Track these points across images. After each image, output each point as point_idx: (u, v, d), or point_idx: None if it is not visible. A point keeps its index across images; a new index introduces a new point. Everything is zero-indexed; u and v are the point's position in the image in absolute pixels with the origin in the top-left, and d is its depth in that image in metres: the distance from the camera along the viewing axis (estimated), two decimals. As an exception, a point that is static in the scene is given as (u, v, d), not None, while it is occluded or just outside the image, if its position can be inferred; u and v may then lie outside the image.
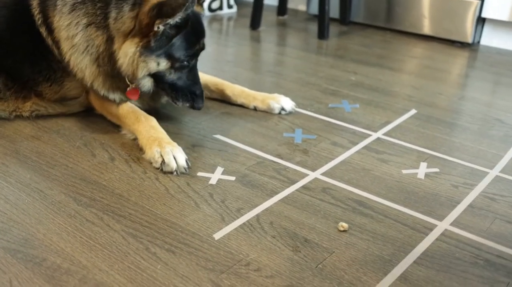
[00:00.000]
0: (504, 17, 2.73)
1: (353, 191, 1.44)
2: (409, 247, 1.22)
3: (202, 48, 1.65)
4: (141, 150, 1.58)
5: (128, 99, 1.69)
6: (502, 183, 1.51)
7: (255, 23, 3.02)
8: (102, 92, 1.66)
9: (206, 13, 3.28)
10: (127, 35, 1.52)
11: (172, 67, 1.58)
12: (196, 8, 1.62)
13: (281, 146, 1.67)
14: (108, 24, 1.54)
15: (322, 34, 2.86)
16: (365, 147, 1.69)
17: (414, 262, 1.17)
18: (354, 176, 1.51)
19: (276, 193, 1.41)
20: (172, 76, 1.61)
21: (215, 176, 1.47)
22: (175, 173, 1.47)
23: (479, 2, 2.76)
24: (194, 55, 1.62)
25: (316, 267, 1.14)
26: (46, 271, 1.10)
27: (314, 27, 3.08)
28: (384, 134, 1.78)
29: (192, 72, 1.64)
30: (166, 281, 1.08)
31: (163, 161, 1.47)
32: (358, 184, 1.47)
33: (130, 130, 1.65)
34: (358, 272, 1.13)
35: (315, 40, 2.89)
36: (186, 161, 1.49)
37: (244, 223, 1.28)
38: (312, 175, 1.51)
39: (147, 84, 1.62)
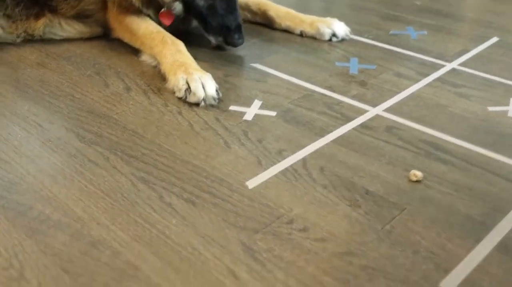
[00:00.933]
0: None
1: (426, 131, 1.13)
2: (507, 204, 0.91)
3: None
4: (163, 78, 1.31)
5: (160, 23, 1.44)
6: None
7: None
8: (137, 3, 1.44)
9: None
10: None
11: None
12: None
13: (333, 77, 1.35)
14: None
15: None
16: (438, 79, 1.35)
17: (516, 225, 0.87)
18: (427, 113, 1.20)
19: (328, 132, 1.11)
20: (201, 2, 1.38)
21: (252, 111, 1.18)
22: (202, 103, 1.20)
23: None
24: None
25: (383, 228, 0.85)
26: (30, 223, 0.85)
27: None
28: (461, 65, 1.44)
29: (226, 1, 1.37)
30: (181, 241, 0.82)
31: (188, 89, 1.22)
32: (432, 123, 1.16)
33: (152, 53, 1.39)
34: (440, 237, 0.84)
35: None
36: (217, 90, 1.23)
37: (286, 169, 0.99)
38: (372, 111, 1.20)
39: (178, 7, 1.44)
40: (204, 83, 1.22)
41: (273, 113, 1.18)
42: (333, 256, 0.79)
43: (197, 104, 1.20)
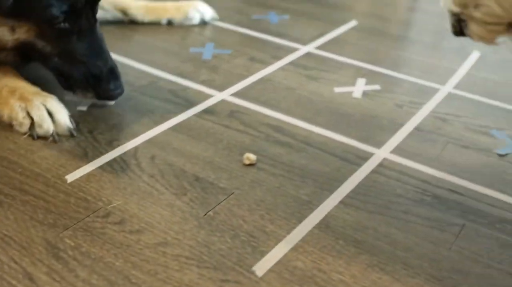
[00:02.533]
0: None
1: (270, 115, 1.11)
2: (336, 183, 0.91)
3: None
4: None
5: None
6: (456, 100, 1.21)
7: None
8: None
9: None
10: None
11: (42, 34, 0.98)
12: None
13: (185, 63, 1.31)
14: None
15: None
16: (291, 63, 1.35)
17: (341, 202, 0.87)
18: (274, 96, 1.18)
19: (167, 119, 1.07)
20: (48, 50, 1.00)
21: (87, 101, 1.11)
22: (52, 138, 0.97)
23: None
24: (77, 11, 0.97)
25: (206, 215, 0.82)
26: None
27: None
28: (317, 48, 1.44)
29: (87, 40, 1.01)
30: (-23, 245, 0.74)
31: (32, 123, 0.98)
32: (278, 106, 1.14)
33: None
34: (263, 220, 0.81)
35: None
36: (70, 119, 1.00)
37: (114, 159, 0.93)
38: (218, 96, 1.17)
39: (8, 58, 1.05)
40: (51, 110, 0.99)
41: (112, 102, 1.11)
42: (146, 247, 0.75)
43: (45, 138, 0.98)
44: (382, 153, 1.01)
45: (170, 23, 1.52)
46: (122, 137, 1.00)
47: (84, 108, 1.08)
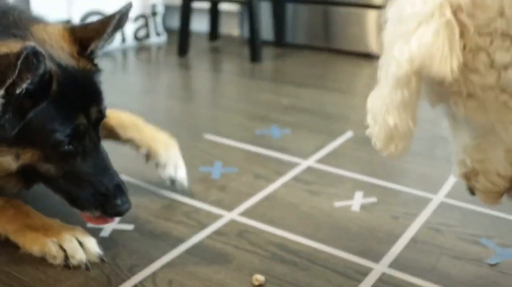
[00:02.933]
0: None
1: (274, 233, 1.21)
2: (339, 300, 0.99)
3: (98, 118, 1.07)
4: (26, 250, 1.10)
5: None
6: (448, 209, 1.31)
7: (182, 50, 2.80)
8: None
9: (131, 43, 3.05)
10: None
11: (46, 157, 1.01)
12: (81, 63, 1.05)
13: (195, 184, 1.42)
14: None
15: (254, 56, 2.66)
16: (293, 178, 1.47)
17: (345, 320, 0.94)
18: (278, 214, 1.29)
19: (182, 241, 1.17)
20: (53, 172, 1.04)
21: (109, 226, 1.21)
22: (84, 266, 1.06)
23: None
24: (81, 133, 1.02)
25: None
26: None
27: (247, 51, 2.88)
28: (317, 162, 1.57)
29: (91, 160, 1.05)
30: None
31: (66, 254, 1.06)
32: (282, 223, 1.24)
33: None
34: None
35: (248, 64, 2.69)
36: (98, 245, 1.09)
37: (135, 286, 1.02)
38: (227, 216, 1.27)
39: (11, 182, 1.09)
40: (81, 240, 1.07)
41: (131, 227, 1.22)
42: None
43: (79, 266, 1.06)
44: (380, 267, 1.09)
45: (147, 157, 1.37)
46: (142, 262, 1.09)
47: (106, 235, 1.19)
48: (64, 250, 1.05)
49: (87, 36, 1.07)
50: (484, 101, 0.68)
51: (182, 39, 2.79)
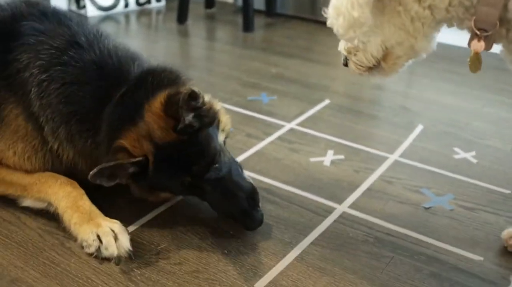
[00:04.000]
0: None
1: (263, 180, 1.55)
2: (309, 229, 1.34)
3: (203, 171, 1.22)
4: (67, 228, 1.26)
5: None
6: (400, 166, 1.66)
7: (181, 17, 3.07)
8: None
9: (134, 7, 3.30)
10: None
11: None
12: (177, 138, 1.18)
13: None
14: None
15: (247, 27, 2.95)
16: (279, 138, 1.80)
17: (312, 243, 1.29)
18: (265, 165, 1.62)
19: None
20: (208, 187, 1.24)
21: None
22: (114, 260, 1.18)
23: None
24: (187, 187, 1.23)
25: (222, 252, 1.24)
26: (-39, 271, 1.15)
27: (241, 19, 3.16)
28: (297, 125, 1.90)
29: (222, 186, 1.23)
30: (79, 274, 1.15)
31: (100, 244, 1.18)
32: (269, 173, 1.58)
33: (42, 197, 1.29)
34: (260, 255, 1.24)
35: (240, 33, 2.98)
36: (130, 243, 1.21)
37: (158, 215, 1.36)
38: (225, 167, 1.61)
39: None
40: (117, 236, 1.19)
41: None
42: (186, 274, 1.17)
43: (108, 259, 1.19)
44: (342, 207, 1.44)
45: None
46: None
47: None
48: (101, 241, 1.17)
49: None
50: (385, 7, 1.00)
51: (181, 7, 3.05)
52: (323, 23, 1.07)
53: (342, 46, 1.12)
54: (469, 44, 1.00)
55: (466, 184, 1.56)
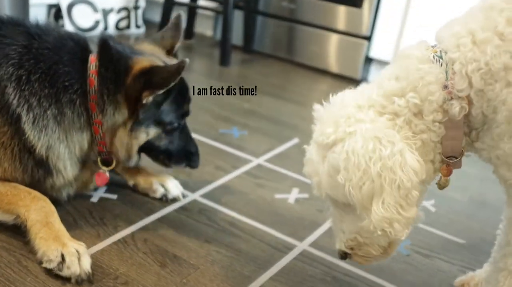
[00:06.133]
0: (388, 58, 3.02)
1: (227, 213, 1.56)
2: (269, 264, 1.36)
3: (189, 101, 1.50)
4: (29, 239, 1.24)
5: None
6: (361, 209, 1.70)
7: (160, 46, 3.10)
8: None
9: (113, 30, 3.33)
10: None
11: (162, 132, 1.44)
12: (174, 61, 1.43)
13: (166, 168, 1.76)
14: None
15: (224, 60, 3.00)
16: (246, 172, 1.82)
17: (271, 278, 1.31)
18: (231, 198, 1.64)
19: (154, 212, 1.51)
20: (163, 142, 1.46)
21: (97, 194, 1.54)
22: (74, 279, 1.19)
23: (368, 43, 3.03)
24: (185, 114, 1.48)
25: (181, 281, 1.25)
26: None
27: (218, 53, 3.21)
28: (265, 161, 1.93)
29: (184, 131, 1.51)
30: (33, 293, 1.14)
31: (61, 262, 1.18)
32: (233, 206, 1.60)
33: (11, 209, 1.28)
34: (218, 286, 1.25)
35: (217, 66, 3.03)
36: (91, 266, 1.22)
37: (119, 240, 1.36)
38: (191, 197, 1.62)
39: (135, 158, 1.46)
40: (80, 257, 1.20)
41: (115, 196, 1.55)
42: (142, 301, 1.17)
43: (68, 279, 1.19)
44: (302, 245, 1.46)
45: (134, 188, 1.59)
46: (123, 224, 1.43)
47: (95, 200, 1.51)
48: (64, 260, 1.18)
49: (168, 43, 1.53)
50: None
51: (160, 36, 3.09)
52: (298, 63, 1.12)
53: (341, 245, 1.12)
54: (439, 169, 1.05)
55: (424, 231, 1.61)
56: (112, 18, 3.31)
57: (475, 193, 1.90)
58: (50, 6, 3.13)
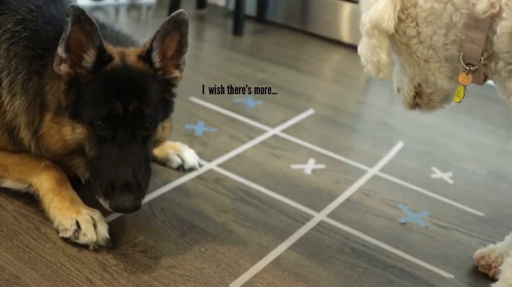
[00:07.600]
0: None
1: (243, 182, 1.55)
2: (286, 234, 1.35)
3: (135, 114, 1.16)
4: (45, 211, 1.24)
5: None
6: (378, 181, 1.68)
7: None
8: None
9: (125, 0, 3.28)
10: None
11: (89, 136, 1.17)
12: (140, 64, 1.21)
13: (181, 138, 1.74)
14: None
15: (237, 30, 2.96)
16: (261, 142, 1.81)
17: (289, 248, 1.30)
18: (247, 168, 1.63)
19: (171, 181, 1.50)
20: (91, 152, 1.19)
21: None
22: (92, 247, 1.18)
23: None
24: (114, 121, 1.15)
25: (199, 250, 1.24)
26: None
27: (231, 23, 3.16)
28: (281, 131, 1.91)
29: (116, 151, 1.15)
30: (53, 259, 1.14)
31: (77, 230, 1.18)
32: (250, 176, 1.59)
33: (23, 178, 1.27)
34: (237, 256, 1.24)
35: (230, 36, 2.99)
36: (108, 232, 1.21)
37: (136, 208, 1.35)
38: (207, 166, 1.61)
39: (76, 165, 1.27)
40: (96, 224, 1.19)
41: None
42: (162, 268, 1.16)
43: (87, 246, 1.18)
44: (320, 216, 1.45)
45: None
46: (140, 192, 1.42)
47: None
48: (79, 227, 1.17)
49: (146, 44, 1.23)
50: (401, 50, 1.07)
51: (173, 5, 3.04)
52: (311, 34, 1.11)
53: (395, 85, 1.20)
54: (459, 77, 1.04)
55: (442, 203, 1.60)
56: (123, -14, 3.25)
57: (493, 166, 1.88)
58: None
